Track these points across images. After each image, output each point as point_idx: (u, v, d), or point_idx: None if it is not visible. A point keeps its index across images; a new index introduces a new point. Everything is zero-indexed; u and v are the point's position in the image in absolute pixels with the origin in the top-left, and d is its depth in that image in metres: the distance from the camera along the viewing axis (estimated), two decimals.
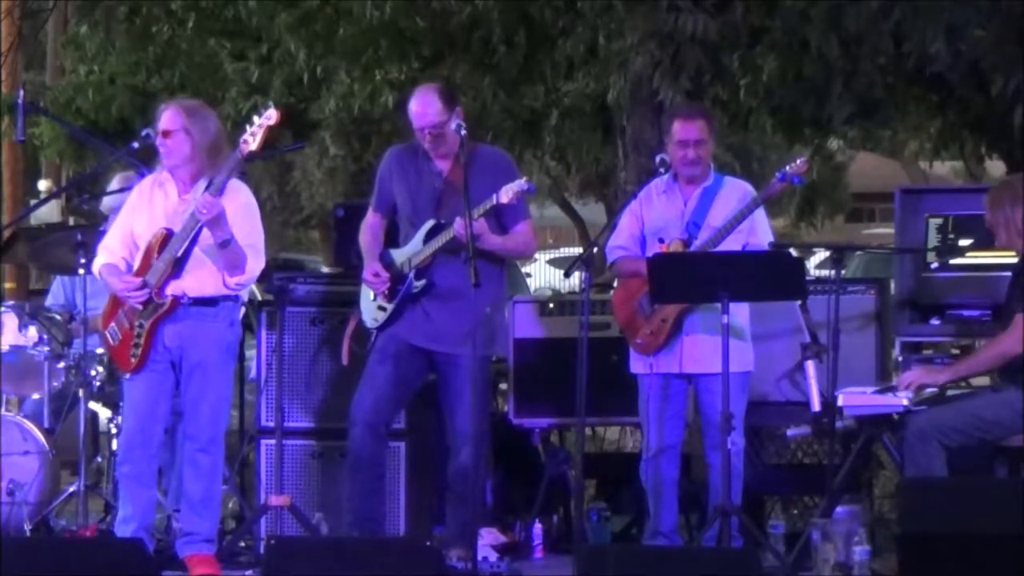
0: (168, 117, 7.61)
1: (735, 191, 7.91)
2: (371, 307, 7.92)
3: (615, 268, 8.02)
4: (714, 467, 7.67)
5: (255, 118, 7.53)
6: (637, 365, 7.86)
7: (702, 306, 7.68)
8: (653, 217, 7.87)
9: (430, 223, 7.80)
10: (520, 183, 7.63)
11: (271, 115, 7.51)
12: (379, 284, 7.84)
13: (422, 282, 7.77)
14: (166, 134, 7.58)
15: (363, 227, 8.03)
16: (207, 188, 7.46)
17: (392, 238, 8.00)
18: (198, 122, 7.62)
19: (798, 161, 7.74)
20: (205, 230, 7.44)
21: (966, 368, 7.56)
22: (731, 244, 7.72)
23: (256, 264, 7.61)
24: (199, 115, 7.68)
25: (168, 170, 7.66)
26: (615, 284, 8.14)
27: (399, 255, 7.87)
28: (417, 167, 7.88)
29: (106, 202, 8.75)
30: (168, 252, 7.50)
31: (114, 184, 8.76)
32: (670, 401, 7.78)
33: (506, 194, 7.60)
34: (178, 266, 7.52)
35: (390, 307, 7.83)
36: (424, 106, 7.77)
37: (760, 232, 7.80)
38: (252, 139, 7.50)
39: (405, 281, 7.80)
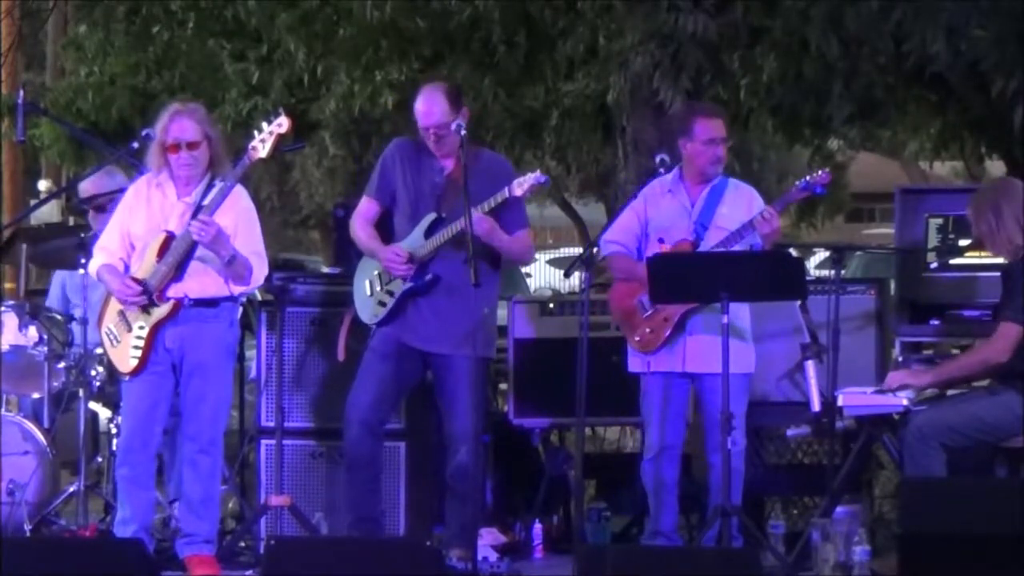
0: (187, 127, 7.47)
1: (742, 193, 7.91)
2: (369, 303, 7.87)
3: (609, 262, 8.01)
4: (715, 467, 7.67)
5: (264, 124, 7.47)
6: (635, 364, 7.86)
7: (706, 306, 7.68)
8: (658, 216, 7.86)
9: (431, 216, 7.74)
10: (535, 175, 7.57)
11: (282, 122, 7.44)
12: (399, 264, 7.69)
13: (429, 276, 7.71)
14: (192, 146, 7.47)
15: (357, 218, 7.92)
16: (199, 211, 7.34)
17: (380, 235, 7.91)
18: (212, 127, 7.59)
19: (820, 172, 7.73)
20: None
21: (947, 373, 7.54)
22: (740, 247, 7.71)
23: (261, 271, 7.58)
24: (209, 119, 7.65)
25: (175, 176, 7.60)
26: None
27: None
28: (420, 162, 7.82)
29: (85, 188, 8.72)
30: (171, 256, 7.46)
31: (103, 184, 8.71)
32: (671, 401, 7.77)
33: (520, 186, 7.55)
34: (180, 269, 7.50)
35: (391, 301, 7.77)
36: (429, 105, 7.73)
37: None
38: (261, 146, 7.44)
39: (412, 272, 7.72)
